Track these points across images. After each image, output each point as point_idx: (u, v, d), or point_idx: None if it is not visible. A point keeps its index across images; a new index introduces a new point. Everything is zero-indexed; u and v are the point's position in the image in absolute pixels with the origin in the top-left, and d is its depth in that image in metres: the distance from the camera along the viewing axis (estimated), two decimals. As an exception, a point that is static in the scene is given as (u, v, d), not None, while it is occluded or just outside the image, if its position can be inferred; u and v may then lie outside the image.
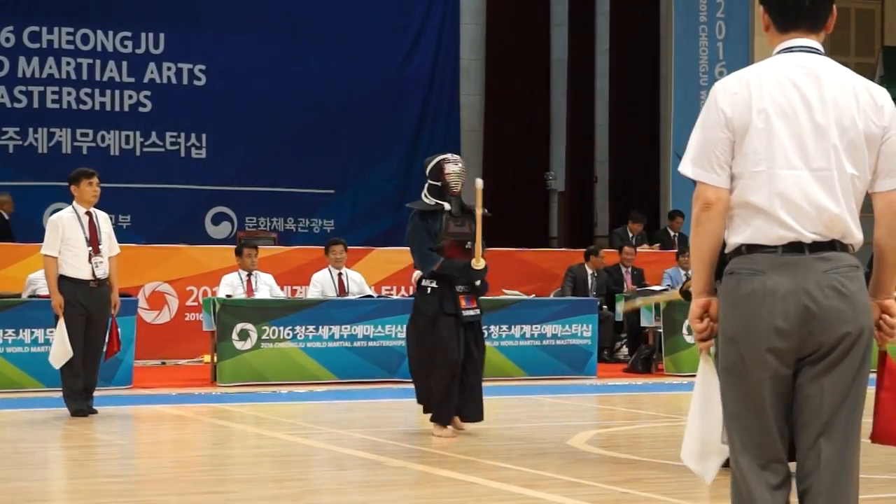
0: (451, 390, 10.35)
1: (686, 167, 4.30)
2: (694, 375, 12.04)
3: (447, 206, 10.62)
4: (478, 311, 10.71)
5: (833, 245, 4.20)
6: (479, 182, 10.68)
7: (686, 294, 9.23)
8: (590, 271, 18.32)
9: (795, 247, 4.13)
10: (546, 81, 24.59)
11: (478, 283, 10.66)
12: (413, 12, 23.96)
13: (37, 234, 17.29)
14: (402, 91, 23.79)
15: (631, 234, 20.29)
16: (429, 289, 10.52)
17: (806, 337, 4.11)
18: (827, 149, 4.16)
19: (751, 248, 4.16)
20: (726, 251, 4.25)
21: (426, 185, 10.75)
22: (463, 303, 10.53)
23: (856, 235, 4.29)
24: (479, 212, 10.58)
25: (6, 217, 19.17)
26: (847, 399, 4.22)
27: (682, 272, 18.21)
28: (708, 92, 21.04)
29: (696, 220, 4.23)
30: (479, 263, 10.50)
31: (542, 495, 7.56)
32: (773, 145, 4.15)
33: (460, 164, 10.78)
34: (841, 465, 4.25)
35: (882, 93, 4.26)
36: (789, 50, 4.31)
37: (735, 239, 4.21)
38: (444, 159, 10.69)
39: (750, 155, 4.16)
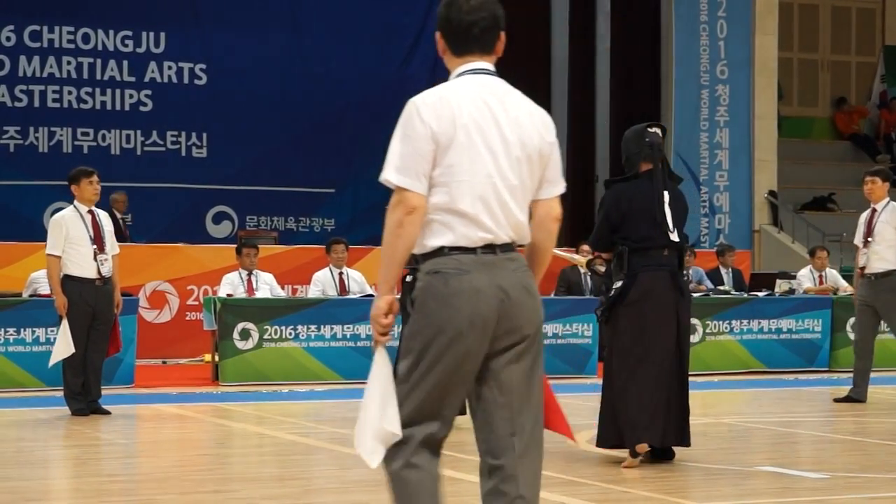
0: None
1: (390, 175, 4.65)
2: (695, 374, 12.07)
3: None
4: None
5: (513, 246, 4.63)
6: None
7: (590, 265, 9.33)
8: (583, 271, 18.30)
9: (490, 248, 4.55)
10: (546, 81, 24.57)
11: None
12: (414, 11, 23.93)
13: (37, 234, 17.30)
14: (403, 90, 23.51)
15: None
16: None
17: (502, 329, 4.53)
18: (512, 162, 4.60)
19: (453, 250, 4.55)
20: (421, 252, 4.62)
21: None
22: None
23: (528, 238, 4.72)
24: None
25: (119, 216, 19.21)
26: (533, 383, 4.66)
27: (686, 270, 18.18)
28: (710, 91, 21.08)
29: (398, 223, 4.59)
30: None
31: (543, 494, 7.54)
32: (474, 157, 4.55)
33: None
34: (533, 441, 4.74)
35: (546, 114, 4.80)
36: (473, 72, 4.76)
37: (435, 241, 4.58)
38: None
39: (455, 166, 4.54)
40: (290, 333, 14.80)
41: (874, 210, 13.02)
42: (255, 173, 22.40)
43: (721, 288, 17.96)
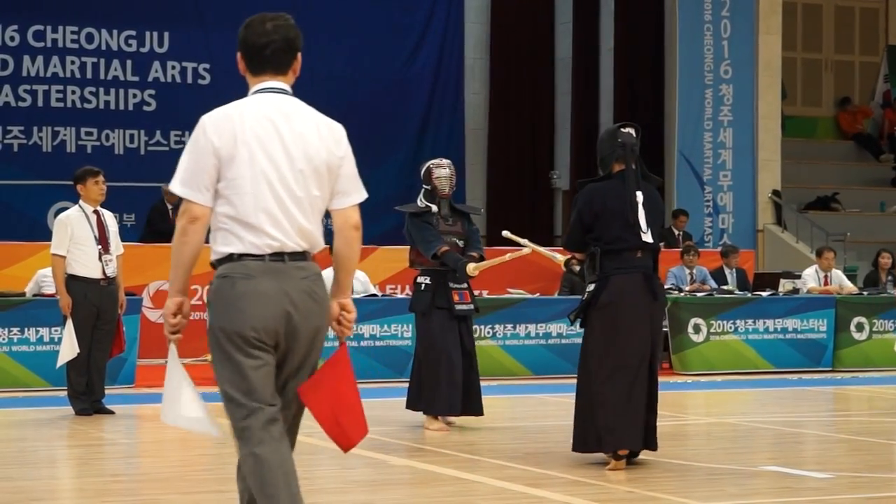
0: (441, 382, 10.48)
1: (176, 187, 4.98)
2: (702, 374, 12.09)
3: (435, 207, 10.94)
4: (471, 306, 10.90)
5: (305, 255, 5.02)
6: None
7: (567, 265, 9.31)
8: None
9: (279, 256, 4.93)
10: (550, 80, 24.57)
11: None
12: (417, 11, 23.93)
13: (41, 233, 17.31)
14: (407, 90, 23.77)
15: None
16: (423, 285, 10.82)
17: (286, 332, 4.94)
18: (297, 174, 4.95)
19: (242, 256, 4.94)
20: (215, 258, 5.06)
21: (422, 191, 11.10)
22: (456, 297, 10.71)
23: (321, 245, 5.11)
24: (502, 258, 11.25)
25: (169, 207, 19.34)
26: (297, 383, 5.08)
27: (687, 271, 18.20)
28: (713, 90, 21.10)
29: (182, 231, 4.96)
30: (474, 271, 10.74)
31: (546, 494, 7.56)
32: (257, 171, 4.90)
33: (448, 168, 11.01)
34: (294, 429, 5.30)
35: (339, 129, 5.15)
36: (264, 90, 5.15)
37: (226, 249, 4.98)
38: (431, 164, 11.05)
39: (238, 179, 4.89)
40: (293, 333, 14.77)
41: None
42: (258, 173, 22.39)
43: (725, 288, 17.95)
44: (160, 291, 16.83)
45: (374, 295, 15.71)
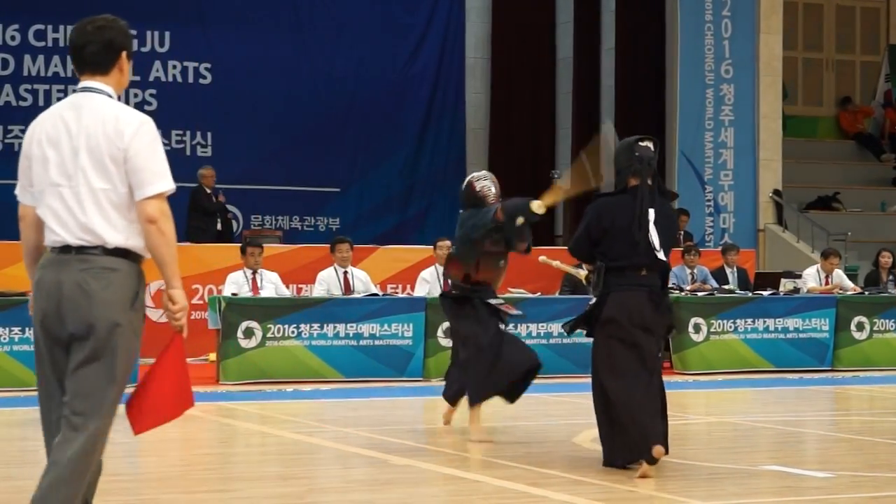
0: (484, 373, 10.10)
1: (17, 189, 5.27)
2: (699, 374, 12.02)
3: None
4: (518, 312, 10.71)
5: (100, 249, 5.09)
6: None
7: (588, 280, 9.40)
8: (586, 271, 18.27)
9: (65, 249, 5.09)
10: (551, 79, 24.57)
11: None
12: (419, 10, 23.94)
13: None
14: (408, 89, 23.77)
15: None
16: (454, 292, 10.47)
17: (60, 322, 5.06)
18: (78, 170, 5.07)
19: (51, 249, 5.15)
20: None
21: (461, 213, 10.65)
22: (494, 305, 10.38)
23: (114, 240, 5.13)
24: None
25: (208, 191, 19.56)
26: (99, 383, 5.12)
27: (688, 270, 18.20)
28: (714, 90, 21.10)
29: (20, 229, 5.28)
30: (540, 208, 10.11)
31: (547, 493, 7.56)
32: (45, 169, 5.11)
33: (489, 179, 10.80)
34: (84, 451, 5.20)
35: (129, 121, 5.11)
36: (77, 90, 5.27)
37: (44, 242, 5.21)
38: (472, 178, 10.78)
39: (33, 178, 5.17)
40: (293, 332, 14.79)
41: None
42: (259, 172, 22.40)
43: (726, 287, 17.95)
44: (160, 291, 16.82)
45: (375, 294, 15.70)
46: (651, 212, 8.46)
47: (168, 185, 5.16)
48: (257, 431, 11.03)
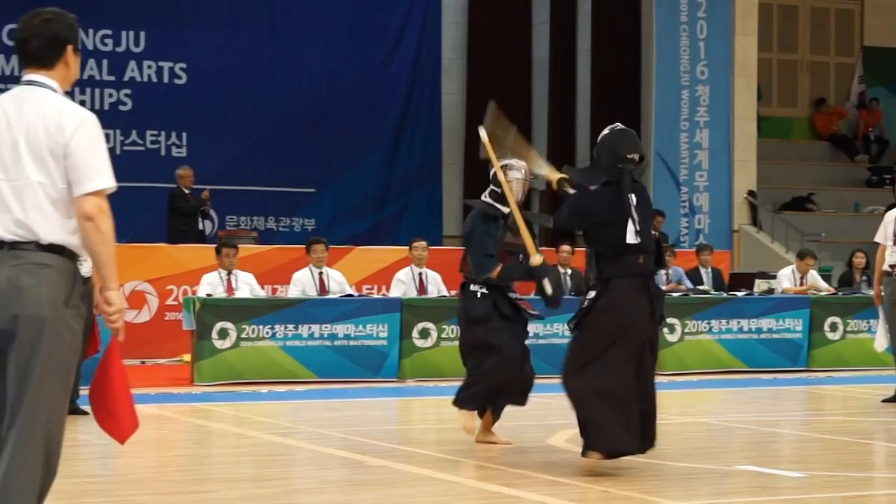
0: (501, 384, 9.72)
1: None
2: (674, 374, 12.02)
3: (506, 210, 9.72)
4: (537, 312, 10.07)
5: (30, 244, 5.00)
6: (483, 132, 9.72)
7: (560, 185, 9.08)
8: (563, 270, 18.27)
9: (1, 245, 4.98)
10: (527, 80, 24.59)
11: (549, 290, 9.78)
12: (394, 11, 23.94)
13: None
14: (384, 90, 23.77)
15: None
16: (478, 293, 9.73)
17: None
18: (18, 163, 4.99)
19: None
20: None
21: (488, 190, 9.84)
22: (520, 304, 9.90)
23: (49, 235, 5.04)
24: (509, 193, 9.68)
25: (186, 191, 19.50)
26: (27, 384, 4.96)
27: (663, 271, 18.22)
28: (690, 91, 21.09)
29: None
30: (536, 258, 9.64)
31: (522, 494, 7.57)
32: None
33: (522, 172, 9.82)
34: (24, 437, 4.94)
35: (71, 116, 5.04)
36: (22, 83, 5.17)
37: None
38: (506, 165, 9.73)
39: None
40: (268, 333, 14.78)
41: None
42: (234, 173, 22.37)
43: (700, 287, 17.99)
44: (135, 292, 16.80)
45: (351, 295, 15.70)
46: (632, 197, 8.49)
47: (107, 182, 5.04)
48: (232, 432, 11.01)
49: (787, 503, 7.62)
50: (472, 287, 9.76)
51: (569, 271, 17.66)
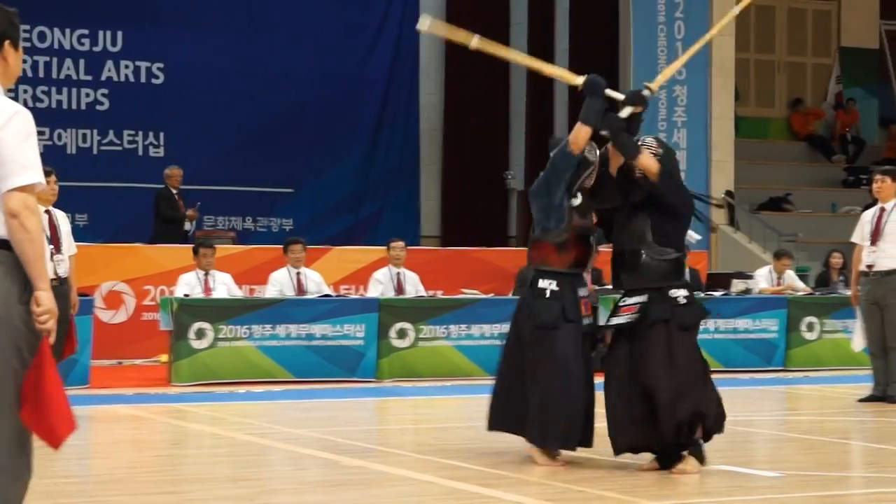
0: (563, 413, 8.59)
1: None
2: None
3: (576, 201, 8.91)
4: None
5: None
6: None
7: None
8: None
9: None
10: (505, 80, 24.62)
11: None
12: (372, 11, 23.93)
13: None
14: (362, 90, 23.76)
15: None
16: (548, 291, 8.76)
17: None
18: None
19: None
20: None
21: None
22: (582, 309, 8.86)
23: None
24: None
25: (174, 191, 19.45)
26: None
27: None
28: (667, 91, 21.02)
29: None
30: (578, 78, 9.02)
31: (498, 494, 7.58)
32: None
33: (595, 153, 8.99)
34: None
35: (1, 111, 4.96)
36: None
37: None
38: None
39: None
40: (245, 333, 14.76)
41: (882, 209, 13.02)
42: (212, 173, 22.33)
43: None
44: (112, 292, 16.77)
45: (328, 295, 15.69)
46: None
47: (34, 178, 4.86)
48: (209, 433, 11.00)
49: (762, 502, 7.64)
50: (540, 283, 8.81)
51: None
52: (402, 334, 15.36)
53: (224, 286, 15.48)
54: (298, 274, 15.84)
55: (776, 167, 26.40)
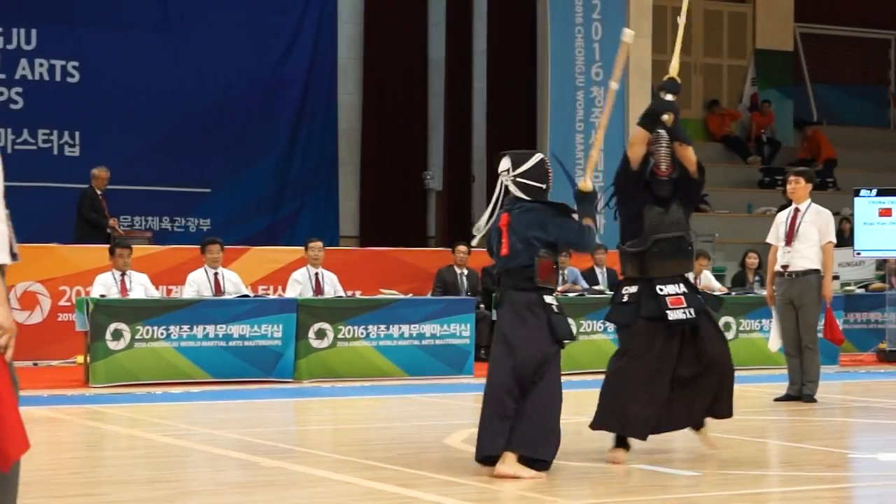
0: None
1: None
2: (573, 373, 12.01)
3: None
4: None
5: None
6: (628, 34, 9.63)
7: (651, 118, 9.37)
8: (459, 271, 18.34)
9: None
10: (424, 81, 24.62)
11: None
12: (290, 10, 23.84)
13: None
14: (280, 89, 23.67)
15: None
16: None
17: None
18: None
19: None
20: None
21: (521, 185, 8.75)
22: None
23: None
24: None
25: (99, 192, 19.18)
26: None
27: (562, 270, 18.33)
28: (585, 92, 21.16)
29: None
30: (586, 185, 9.09)
31: (418, 494, 7.57)
32: None
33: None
34: None
35: None
36: None
37: None
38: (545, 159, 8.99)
39: None
40: (163, 334, 14.66)
41: (797, 210, 13.15)
42: (128, 172, 22.13)
43: (596, 287, 18.12)
44: (28, 293, 16.60)
45: (246, 295, 15.62)
46: None
47: None
48: (126, 434, 10.91)
49: (681, 501, 7.69)
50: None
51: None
52: (320, 335, 15.33)
53: (141, 286, 15.36)
54: (216, 274, 15.76)
55: (693, 168, 26.58)
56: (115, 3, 22.52)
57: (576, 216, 8.71)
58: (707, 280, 18.39)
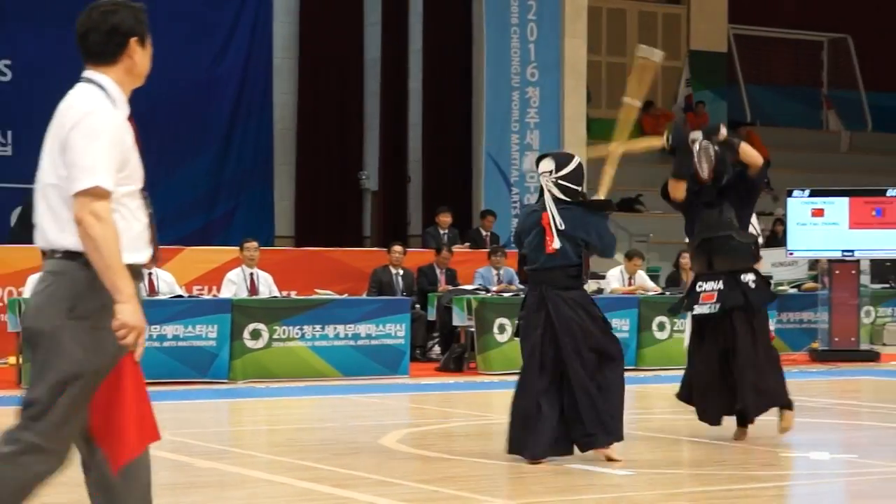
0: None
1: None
2: (506, 373, 12.11)
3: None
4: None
5: (54, 253, 4.73)
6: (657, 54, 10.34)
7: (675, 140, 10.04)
8: (394, 271, 18.32)
9: (44, 254, 4.81)
10: (359, 80, 24.57)
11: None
12: (225, 9, 23.71)
13: None
14: (214, 89, 23.54)
15: (441, 230, 20.41)
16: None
17: None
18: (50, 161, 4.78)
19: None
20: None
21: (563, 187, 9.24)
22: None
23: (61, 242, 4.70)
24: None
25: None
26: (32, 391, 4.74)
27: (494, 271, 18.37)
28: (520, 93, 21.17)
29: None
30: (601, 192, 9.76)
31: (352, 495, 7.56)
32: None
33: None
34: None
35: (77, 110, 4.76)
36: (80, 80, 4.86)
37: None
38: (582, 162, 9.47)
39: None
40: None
41: None
42: (61, 172, 21.97)
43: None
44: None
45: (181, 296, 15.53)
46: None
47: (94, 181, 4.57)
48: None
49: (614, 500, 7.72)
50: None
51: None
52: (255, 335, 15.27)
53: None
54: (150, 274, 15.66)
55: (627, 168, 26.57)
56: (47, 2, 22.32)
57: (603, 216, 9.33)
58: (641, 280, 18.48)
